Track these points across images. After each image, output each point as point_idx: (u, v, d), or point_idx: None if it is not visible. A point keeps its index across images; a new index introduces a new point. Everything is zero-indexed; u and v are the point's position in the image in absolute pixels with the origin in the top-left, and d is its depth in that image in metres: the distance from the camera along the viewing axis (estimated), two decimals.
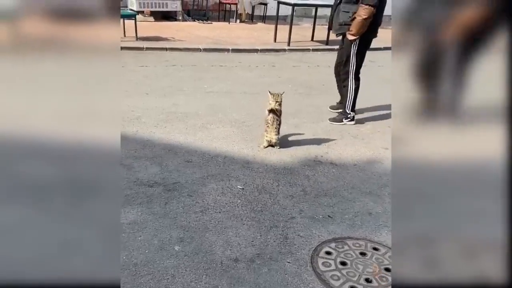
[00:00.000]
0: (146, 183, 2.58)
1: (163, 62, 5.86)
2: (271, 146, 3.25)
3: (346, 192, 2.68)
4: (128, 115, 3.69)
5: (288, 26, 7.48)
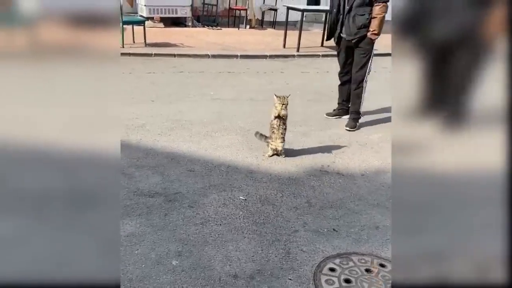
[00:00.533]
0: (146, 194, 2.53)
1: (171, 68, 5.85)
2: (276, 155, 3.17)
3: (353, 204, 2.58)
4: (132, 122, 3.66)
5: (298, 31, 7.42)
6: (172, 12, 8.70)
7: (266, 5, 9.94)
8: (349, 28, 3.66)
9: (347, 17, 3.65)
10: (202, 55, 6.68)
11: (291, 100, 3.18)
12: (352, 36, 3.68)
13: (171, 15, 8.76)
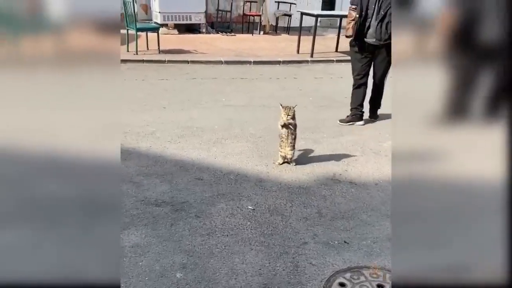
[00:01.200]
0: (153, 202, 2.49)
1: (184, 75, 5.85)
2: (287, 163, 3.10)
3: (365, 215, 2.49)
4: (143, 129, 3.65)
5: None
6: (186, 19, 8.75)
7: (280, 10, 9.92)
8: (380, 34, 3.73)
9: (379, 23, 3.70)
10: (215, 62, 6.68)
11: (303, 107, 3.15)
12: (382, 41, 3.76)
13: (185, 22, 8.81)
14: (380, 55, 3.89)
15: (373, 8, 3.71)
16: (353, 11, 3.83)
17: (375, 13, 3.71)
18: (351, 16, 3.84)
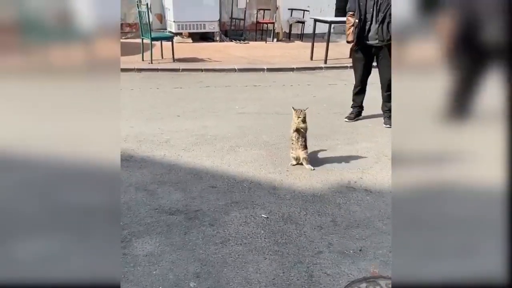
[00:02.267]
0: (167, 211, 2.50)
1: (198, 83, 5.90)
2: (300, 164, 3.15)
3: (381, 223, 2.44)
4: (157, 138, 3.68)
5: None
6: (200, 28, 8.84)
7: (293, 18, 9.93)
8: (382, 35, 3.85)
9: (380, 25, 3.82)
10: (229, 69, 6.72)
11: (317, 113, 3.15)
12: (385, 42, 3.87)
13: (199, 30, 8.90)
14: (384, 57, 3.99)
15: (372, 12, 3.85)
16: (351, 17, 3.99)
17: (374, 16, 3.86)
18: (350, 22, 3.99)
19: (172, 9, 8.45)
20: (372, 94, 4.47)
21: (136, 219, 2.39)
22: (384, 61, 4.02)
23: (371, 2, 3.84)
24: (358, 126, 4.22)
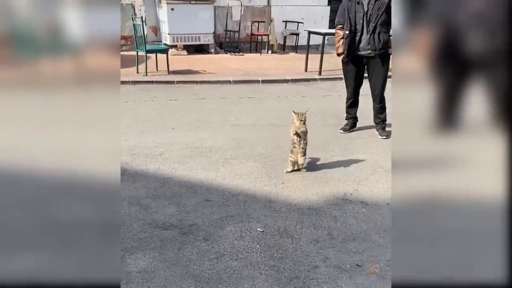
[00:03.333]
0: (161, 226, 2.46)
1: (193, 95, 5.90)
2: (297, 170, 3.19)
3: (377, 236, 2.42)
4: (152, 151, 3.65)
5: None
6: (195, 40, 8.88)
7: (287, 30, 10.02)
8: (374, 44, 3.89)
9: (371, 35, 3.86)
10: (224, 81, 6.73)
11: (312, 125, 3.14)
12: (377, 51, 3.91)
13: (194, 43, 8.94)
14: (376, 67, 4.03)
15: (362, 23, 3.88)
16: (340, 30, 4.02)
17: (364, 27, 3.89)
18: (339, 35, 4.03)
19: (167, 22, 8.50)
20: (366, 105, 4.48)
21: (129, 235, 2.35)
22: (375, 72, 4.06)
23: (360, 13, 3.87)
24: (353, 137, 4.22)
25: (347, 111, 4.40)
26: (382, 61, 3.98)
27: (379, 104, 4.18)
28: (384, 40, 3.87)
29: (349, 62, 4.12)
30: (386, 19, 3.81)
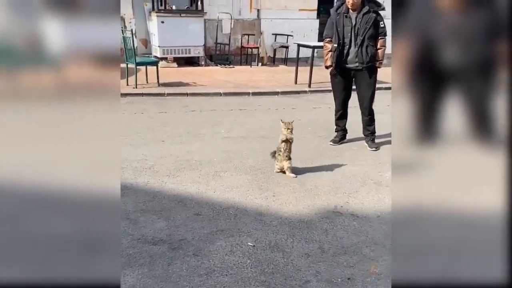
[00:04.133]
0: (150, 241, 2.42)
1: (183, 107, 5.88)
2: (283, 173, 3.45)
3: (368, 249, 2.41)
4: (141, 164, 3.62)
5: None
6: (185, 52, 8.91)
7: (277, 42, 10.12)
8: (361, 57, 3.95)
9: (359, 48, 3.92)
10: (214, 94, 6.74)
11: (302, 137, 3.17)
12: (365, 64, 3.97)
13: (184, 55, 8.97)
14: (363, 80, 4.09)
15: (350, 36, 3.94)
16: (328, 43, 4.10)
17: (352, 40, 3.95)
18: (327, 48, 4.10)
19: (157, 35, 8.52)
20: (355, 118, 4.51)
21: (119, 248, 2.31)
22: (363, 84, 4.11)
23: (348, 27, 3.93)
24: (343, 149, 4.24)
25: (336, 123, 4.44)
26: (369, 74, 4.03)
27: (367, 116, 4.22)
28: (372, 53, 3.93)
29: (337, 75, 4.15)
30: (373, 32, 3.90)
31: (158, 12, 8.49)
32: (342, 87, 4.23)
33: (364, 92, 4.15)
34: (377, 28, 3.92)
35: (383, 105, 6.21)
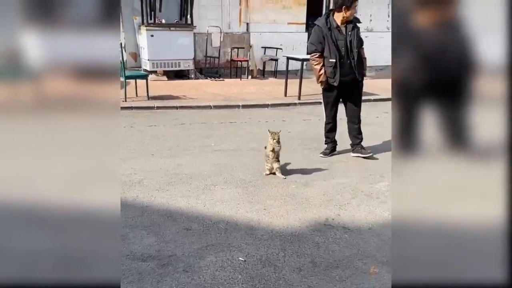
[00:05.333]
0: (139, 257, 2.37)
1: (173, 121, 5.86)
2: (273, 174, 3.67)
3: (361, 262, 2.40)
4: (130, 178, 3.57)
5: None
6: (175, 66, 8.91)
7: (266, 55, 10.20)
8: (357, 70, 4.05)
9: (354, 60, 4.00)
10: (204, 106, 6.73)
11: (292, 149, 3.19)
12: (360, 77, 4.12)
13: (174, 68, 8.97)
14: (355, 90, 4.21)
15: (343, 50, 4.00)
16: (319, 58, 4.09)
17: (345, 54, 4.01)
18: (319, 62, 4.09)
19: (146, 48, 8.53)
20: (345, 129, 4.53)
21: None
22: (354, 94, 4.23)
23: (342, 41, 3.98)
24: (333, 161, 4.25)
25: (326, 136, 4.45)
26: (361, 84, 4.20)
27: (357, 124, 4.30)
28: (363, 64, 4.14)
29: (333, 89, 4.14)
30: (359, 44, 4.07)
31: (147, 26, 8.51)
32: (334, 101, 4.26)
33: (356, 102, 4.26)
34: (361, 40, 4.12)
35: (371, 117, 6.28)
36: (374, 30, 11.02)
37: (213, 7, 9.62)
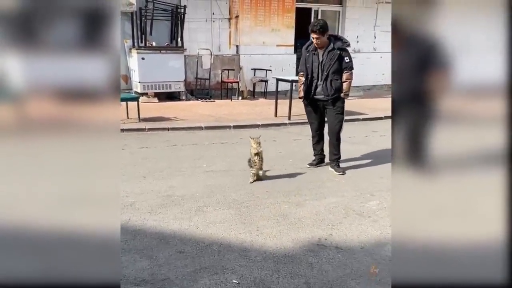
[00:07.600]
0: (132, 281, 2.35)
1: (164, 142, 5.87)
2: (259, 180, 4.05)
3: (354, 282, 2.41)
4: (122, 201, 3.55)
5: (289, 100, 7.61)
6: (166, 88, 8.97)
7: (256, 77, 10.34)
8: (326, 90, 4.37)
9: (324, 82, 4.36)
10: (195, 127, 6.76)
11: (284, 169, 3.20)
12: (330, 96, 4.39)
13: (165, 90, 9.03)
14: (330, 110, 4.48)
15: (317, 72, 4.40)
16: (302, 77, 4.60)
17: (319, 75, 4.39)
18: (301, 81, 4.61)
19: (137, 70, 8.59)
20: None
21: None
22: (330, 113, 4.51)
23: (316, 63, 4.39)
24: (324, 180, 4.29)
25: (314, 148, 4.81)
26: (335, 104, 4.42)
27: (336, 141, 4.55)
28: (336, 86, 4.33)
29: (309, 105, 4.62)
30: (338, 67, 4.29)
31: (138, 49, 8.60)
32: (313, 115, 4.67)
33: (331, 120, 4.53)
34: (342, 63, 4.29)
35: (361, 136, 6.38)
36: (361, 51, 11.29)
37: (203, 30, 9.79)
